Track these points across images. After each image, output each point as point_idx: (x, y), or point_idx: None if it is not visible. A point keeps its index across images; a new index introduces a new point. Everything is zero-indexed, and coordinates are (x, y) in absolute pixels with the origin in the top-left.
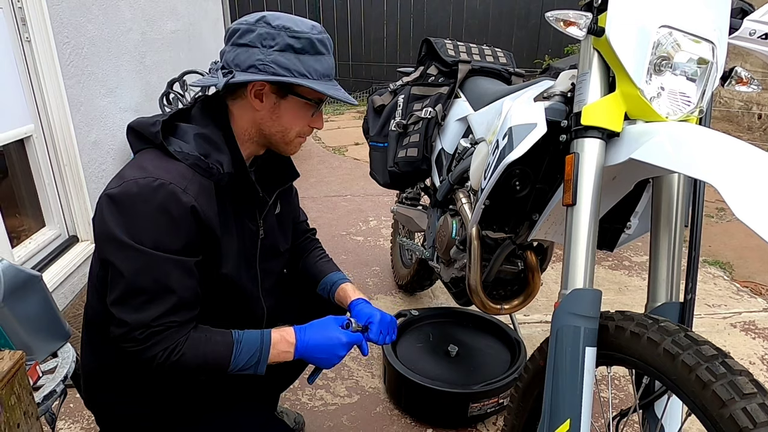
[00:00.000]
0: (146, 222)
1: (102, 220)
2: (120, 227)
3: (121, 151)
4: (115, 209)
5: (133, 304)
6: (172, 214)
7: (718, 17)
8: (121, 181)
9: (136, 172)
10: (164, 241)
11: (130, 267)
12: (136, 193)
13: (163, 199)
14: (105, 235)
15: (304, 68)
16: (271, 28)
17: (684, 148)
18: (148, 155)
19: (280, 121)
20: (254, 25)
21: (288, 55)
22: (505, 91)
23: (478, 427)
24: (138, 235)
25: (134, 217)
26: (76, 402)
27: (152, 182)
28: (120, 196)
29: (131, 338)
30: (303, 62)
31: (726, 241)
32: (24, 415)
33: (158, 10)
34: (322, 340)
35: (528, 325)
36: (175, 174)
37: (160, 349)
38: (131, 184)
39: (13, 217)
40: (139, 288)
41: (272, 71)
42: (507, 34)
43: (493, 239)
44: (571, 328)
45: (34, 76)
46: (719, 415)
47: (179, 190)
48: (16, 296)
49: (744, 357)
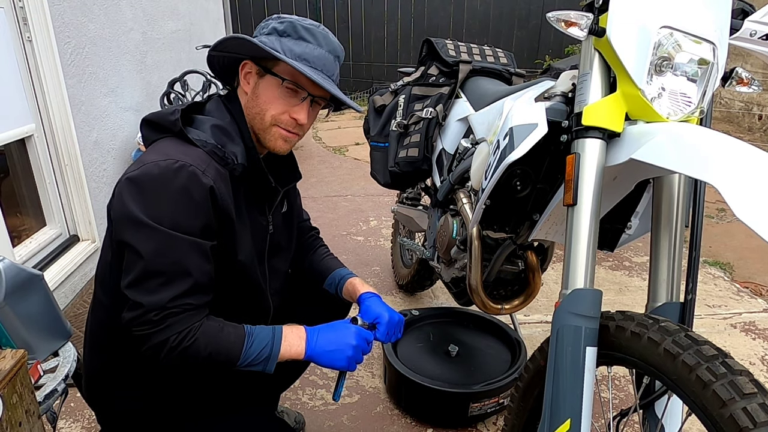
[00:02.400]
0: (167, 202)
1: (121, 201)
2: (140, 207)
3: (122, 151)
4: (135, 190)
5: (149, 286)
6: (192, 195)
7: (719, 18)
8: (141, 164)
9: (156, 156)
10: (183, 221)
11: (149, 247)
12: (156, 174)
13: (184, 180)
14: (124, 216)
15: (281, 47)
16: (270, 20)
17: (685, 148)
18: (167, 141)
19: (257, 101)
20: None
21: (271, 38)
22: (505, 92)
23: (479, 426)
24: (158, 215)
25: (154, 198)
26: (77, 401)
27: (173, 164)
28: (141, 178)
29: (145, 320)
30: (282, 43)
31: (726, 242)
32: (25, 414)
33: (159, 9)
34: (332, 334)
35: (528, 325)
36: (195, 157)
37: (174, 332)
38: (152, 166)
39: (14, 216)
40: (156, 270)
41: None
42: (508, 34)
43: (494, 239)
44: (571, 328)
45: (35, 76)
46: (719, 415)
47: (199, 171)
48: (17, 295)
49: (744, 357)
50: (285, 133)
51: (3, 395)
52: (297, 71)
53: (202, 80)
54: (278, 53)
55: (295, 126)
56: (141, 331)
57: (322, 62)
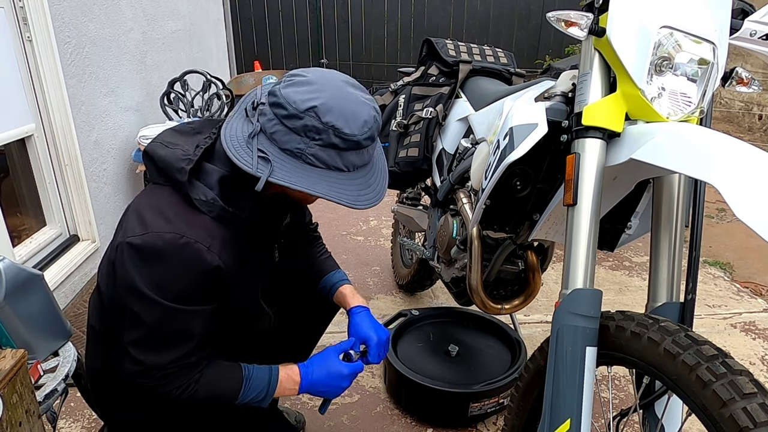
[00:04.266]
0: (170, 278)
1: (124, 269)
2: (143, 280)
3: (122, 151)
4: (138, 261)
5: (151, 347)
6: (196, 273)
7: (719, 18)
8: (145, 230)
9: (161, 223)
10: (187, 296)
11: (152, 317)
12: (160, 247)
13: (188, 258)
14: (127, 286)
15: (343, 163)
16: (319, 122)
17: (685, 148)
18: (171, 200)
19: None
20: (303, 113)
21: (330, 152)
22: (505, 92)
23: (479, 426)
24: (161, 289)
25: (158, 272)
26: (77, 401)
27: (178, 239)
28: (144, 249)
29: (148, 376)
30: (343, 158)
31: (726, 242)
32: (26, 414)
33: (159, 9)
34: (325, 376)
35: (528, 325)
36: (200, 229)
37: (174, 387)
38: (155, 237)
39: (14, 216)
40: (157, 336)
41: (309, 162)
42: (508, 34)
43: (494, 239)
44: (571, 328)
45: (35, 76)
46: (719, 415)
47: (204, 248)
48: (17, 295)
49: (744, 357)
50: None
51: (3, 395)
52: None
53: (202, 80)
54: (345, 201)
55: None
56: (144, 383)
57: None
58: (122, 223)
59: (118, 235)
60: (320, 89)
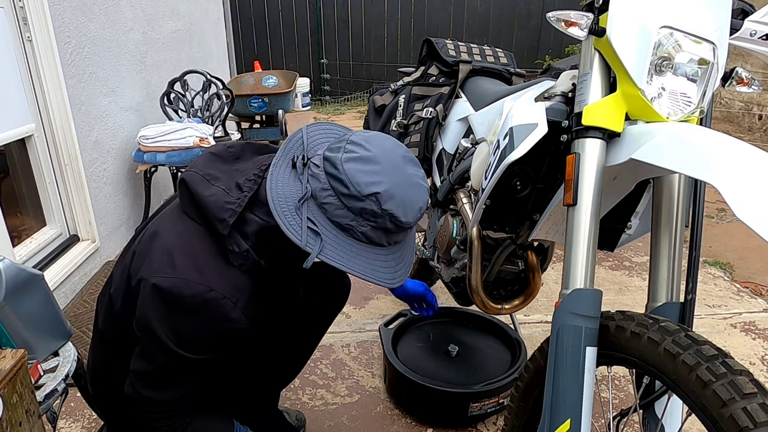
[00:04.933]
0: (188, 328)
1: (144, 308)
2: (161, 325)
3: (122, 151)
4: (160, 304)
5: (153, 384)
6: (216, 329)
7: (719, 18)
8: (173, 273)
9: (191, 270)
10: (200, 347)
11: (159, 359)
12: (187, 297)
13: (213, 313)
14: (144, 325)
15: (387, 241)
16: (379, 208)
17: (685, 148)
18: (203, 244)
19: None
20: (364, 197)
21: (379, 233)
22: (505, 92)
23: (479, 426)
24: (177, 337)
25: (178, 320)
26: (77, 401)
27: (206, 292)
28: (170, 294)
29: (144, 407)
30: (389, 237)
31: (726, 242)
32: (26, 414)
33: (159, 9)
34: None
35: (528, 325)
36: (230, 285)
37: (164, 423)
38: (183, 285)
39: (15, 216)
40: (162, 375)
41: (356, 237)
42: (508, 34)
43: (494, 239)
44: (571, 328)
45: (36, 76)
46: (719, 415)
47: (230, 305)
48: (17, 295)
49: (744, 357)
50: None
51: (3, 395)
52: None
53: (202, 80)
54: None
55: None
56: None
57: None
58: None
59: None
60: (383, 171)
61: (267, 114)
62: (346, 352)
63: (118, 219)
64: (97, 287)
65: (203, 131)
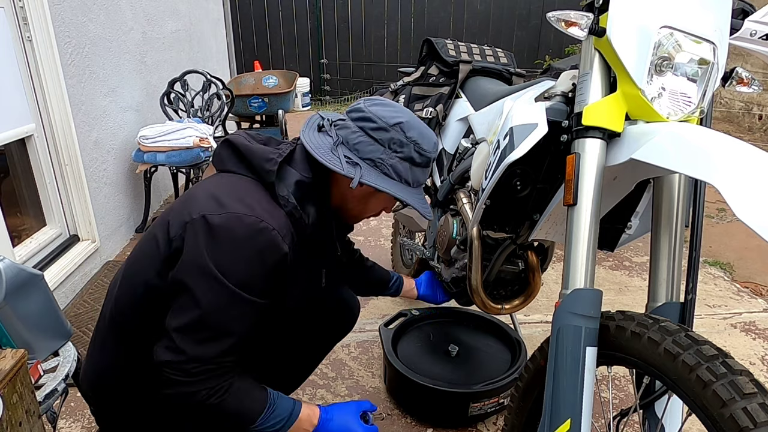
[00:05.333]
0: (241, 261)
1: (196, 244)
2: (214, 258)
3: (122, 151)
4: (212, 239)
5: (198, 337)
6: (267, 260)
7: (719, 18)
8: (223, 209)
9: (241, 207)
10: (250, 282)
11: (210, 300)
12: (238, 229)
13: (264, 244)
14: (195, 261)
15: (412, 178)
16: (404, 136)
17: (685, 148)
18: (250, 187)
19: (365, 206)
20: (391, 127)
21: (405, 165)
22: (506, 92)
23: (479, 426)
24: (229, 270)
25: (230, 253)
26: (77, 401)
27: (257, 223)
28: (221, 228)
29: (183, 369)
30: (413, 173)
31: (726, 242)
32: (26, 414)
33: (159, 9)
34: (340, 427)
35: (528, 325)
36: (278, 220)
37: (206, 387)
38: (234, 219)
39: (15, 216)
40: (209, 323)
41: (386, 172)
42: (508, 34)
43: (494, 239)
44: (571, 328)
45: (36, 76)
46: (720, 415)
47: (279, 238)
48: (17, 295)
49: (744, 357)
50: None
51: (3, 395)
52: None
53: (202, 80)
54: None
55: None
56: (174, 376)
57: (425, 179)
58: (187, 205)
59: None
60: (401, 110)
61: (267, 114)
62: (346, 352)
63: (118, 219)
64: (98, 287)
65: (203, 131)
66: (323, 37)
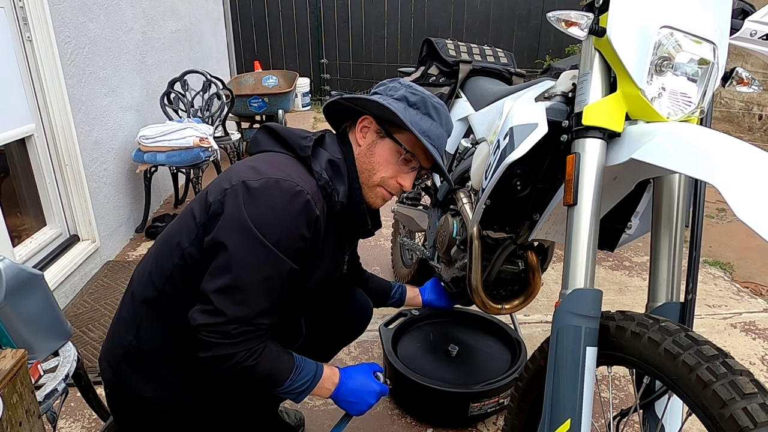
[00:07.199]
0: (278, 220)
1: (237, 205)
2: (253, 217)
3: (122, 151)
4: (252, 200)
5: (236, 298)
6: (302, 221)
7: (719, 18)
8: (261, 176)
9: (278, 173)
10: (286, 241)
11: (247, 258)
12: (277, 191)
13: (300, 205)
14: (235, 220)
15: (409, 119)
16: (401, 86)
17: (685, 148)
18: (286, 160)
19: (371, 159)
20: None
21: (400, 104)
22: (506, 92)
23: (479, 426)
24: (267, 229)
25: (269, 213)
26: (77, 401)
27: (294, 186)
28: (261, 191)
29: (222, 331)
30: (409, 114)
31: (726, 242)
32: (26, 414)
33: (159, 9)
34: (359, 387)
35: (528, 324)
36: (312, 186)
37: (244, 348)
38: (273, 183)
39: (15, 216)
40: (247, 282)
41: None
42: (508, 34)
43: (494, 239)
44: (571, 328)
45: (36, 76)
46: (720, 415)
47: (313, 202)
48: (17, 295)
49: (744, 357)
50: (386, 194)
51: (3, 395)
52: (416, 143)
53: (202, 80)
54: (412, 128)
55: (398, 190)
56: (212, 338)
57: (440, 141)
58: (226, 176)
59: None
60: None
61: (267, 114)
62: (346, 351)
63: (118, 219)
64: (98, 287)
65: (203, 131)
66: (323, 37)
